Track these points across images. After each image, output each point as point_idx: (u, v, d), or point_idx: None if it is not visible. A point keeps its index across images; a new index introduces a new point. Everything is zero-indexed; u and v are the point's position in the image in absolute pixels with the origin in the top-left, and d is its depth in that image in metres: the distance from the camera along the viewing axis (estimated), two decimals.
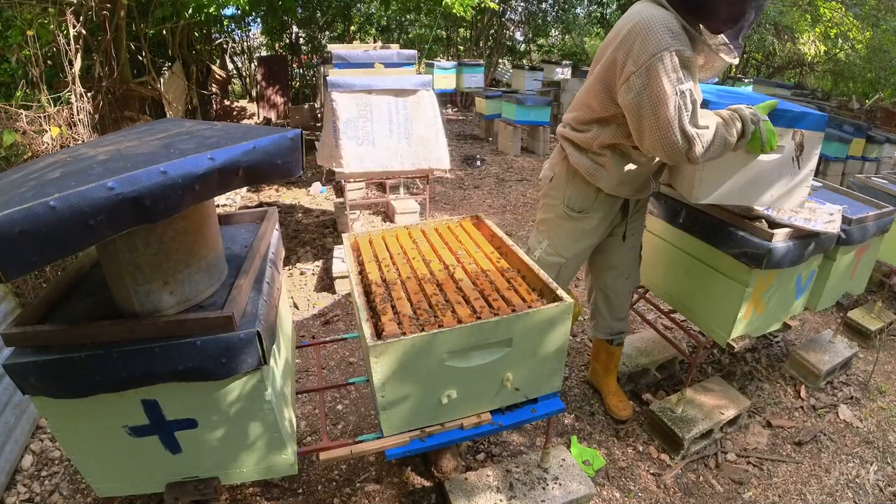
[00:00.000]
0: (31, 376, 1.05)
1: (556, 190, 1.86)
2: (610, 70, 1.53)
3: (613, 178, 1.72)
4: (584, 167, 1.73)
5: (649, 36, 1.39)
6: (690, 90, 1.42)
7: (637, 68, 1.42)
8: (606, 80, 1.55)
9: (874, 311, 2.99)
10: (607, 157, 1.69)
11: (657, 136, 1.45)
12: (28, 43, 3.61)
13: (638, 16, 1.44)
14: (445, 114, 8.70)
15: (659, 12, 1.42)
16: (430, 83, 3.15)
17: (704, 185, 1.72)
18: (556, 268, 1.90)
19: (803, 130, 1.70)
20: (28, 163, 1.16)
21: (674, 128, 1.41)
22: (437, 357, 1.31)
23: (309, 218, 4.48)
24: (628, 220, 1.91)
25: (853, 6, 7.89)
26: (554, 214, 1.88)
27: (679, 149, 1.43)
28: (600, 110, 1.63)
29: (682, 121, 1.41)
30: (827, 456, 2.14)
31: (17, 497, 1.79)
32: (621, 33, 1.48)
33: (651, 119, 1.44)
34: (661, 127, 1.43)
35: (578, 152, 1.75)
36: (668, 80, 1.38)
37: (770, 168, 1.72)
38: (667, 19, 1.40)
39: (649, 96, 1.42)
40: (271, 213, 1.65)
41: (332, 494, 1.85)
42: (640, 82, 1.42)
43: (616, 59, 1.49)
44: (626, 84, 1.46)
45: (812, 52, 7.30)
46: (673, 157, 1.47)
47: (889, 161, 5.46)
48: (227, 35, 9.74)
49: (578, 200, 1.81)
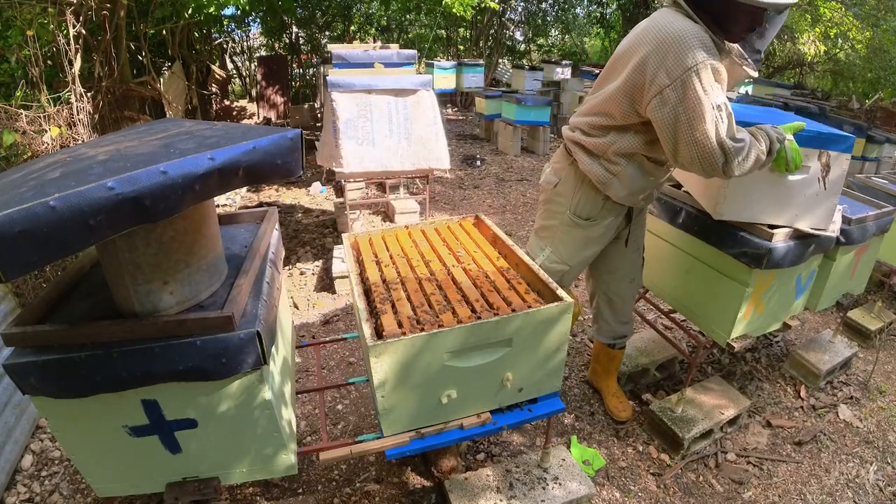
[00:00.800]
0: (30, 376, 1.05)
1: (561, 196, 1.80)
2: (638, 81, 1.48)
3: (624, 189, 1.68)
4: (596, 175, 1.68)
5: (684, 48, 1.37)
6: (726, 104, 1.41)
7: (672, 81, 1.39)
8: (632, 91, 1.51)
9: (874, 311, 2.99)
10: (621, 167, 1.64)
11: (695, 151, 1.43)
12: (28, 43, 3.61)
13: (669, 26, 1.41)
14: (445, 114, 8.70)
15: (688, 24, 1.40)
16: (430, 83, 3.15)
17: (729, 201, 1.73)
18: (559, 275, 1.84)
19: (830, 151, 1.71)
20: (28, 163, 1.16)
21: (712, 142, 1.39)
22: (437, 357, 1.31)
23: (309, 218, 4.48)
24: (631, 226, 1.89)
25: (853, 6, 7.89)
26: (558, 221, 1.82)
27: (716, 163, 1.42)
28: (621, 119, 1.59)
29: (720, 134, 1.40)
30: (827, 456, 2.14)
31: (17, 497, 1.79)
32: (650, 43, 1.44)
33: (687, 132, 1.42)
34: (698, 141, 1.41)
35: (590, 158, 1.68)
36: (705, 93, 1.37)
37: (796, 187, 1.73)
38: (698, 32, 1.39)
39: (685, 110, 1.39)
40: (271, 213, 1.65)
41: (332, 494, 1.85)
42: (675, 96, 1.40)
43: (645, 70, 1.45)
44: (658, 97, 1.43)
45: (812, 52, 7.30)
46: (710, 171, 1.45)
47: (889, 161, 5.46)
48: (227, 35, 9.75)
49: (587, 207, 1.76)
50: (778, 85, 7.87)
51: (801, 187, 1.74)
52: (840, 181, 1.79)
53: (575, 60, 11.77)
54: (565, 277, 1.87)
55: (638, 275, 2.05)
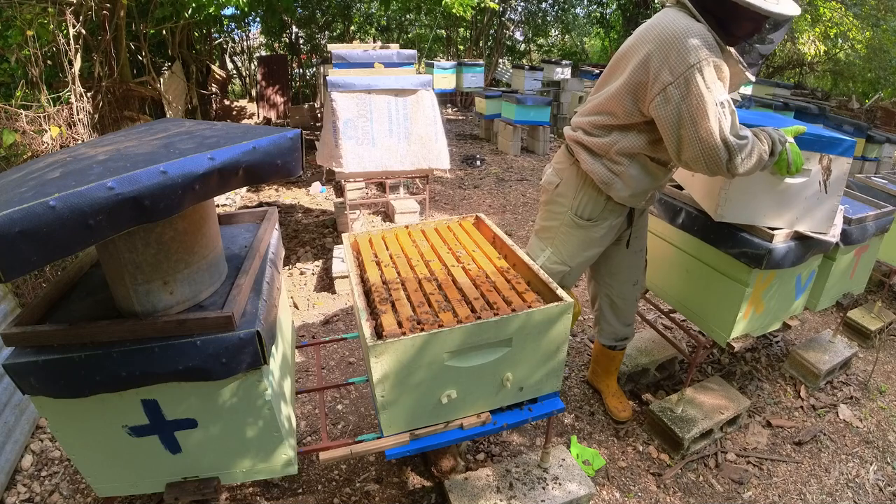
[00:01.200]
0: (30, 376, 1.05)
1: (562, 197, 1.79)
2: (641, 79, 1.48)
3: (627, 189, 1.67)
4: (599, 175, 1.67)
5: (687, 46, 1.37)
6: (729, 101, 1.41)
7: (675, 79, 1.39)
8: (635, 89, 1.51)
9: (874, 310, 2.99)
10: (624, 167, 1.63)
11: (698, 149, 1.42)
12: (28, 43, 3.61)
13: (672, 24, 1.41)
14: (445, 114, 8.70)
15: (691, 23, 1.40)
16: (429, 83, 3.15)
17: (730, 204, 1.73)
18: (560, 276, 1.84)
19: (831, 155, 1.71)
20: (28, 163, 1.16)
21: (715, 139, 1.39)
22: (436, 357, 1.31)
23: (309, 218, 4.48)
24: (632, 228, 1.88)
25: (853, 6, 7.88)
26: (559, 222, 1.81)
27: (720, 160, 1.42)
28: (623, 118, 1.58)
29: (724, 132, 1.40)
30: (827, 456, 2.14)
31: (17, 497, 1.79)
32: (652, 41, 1.44)
33: (690, 130, 1.42)
34: (701, 139, 1.41)
35: (593, 158, 1.67)
36: (708, 90, 1.37)
37: (797, 190, 1.74)
38: (701, 30, 1.39)
39: (689, 108, 1.39)
40: (271, 213, 1.65)
41: (332, 494, 1.86)
42: (678, 93, 1.40)
43: (649, 68, 1.45)
44: (662, 94, 1.43)
45: (812, 52, 7.29)
46: (714, 169, 1.45)
47: (889, 161, 5.46)
48: (227, 35, 9.74)
49: (589, 208, 1.75)
50: (778, 85, 7.87)
51: (801, 190, 1.74)
52: (841, 184, 1.79)
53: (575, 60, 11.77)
54: (566, 279, 1.87)
55: (641, 277, 2.05)
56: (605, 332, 2.14)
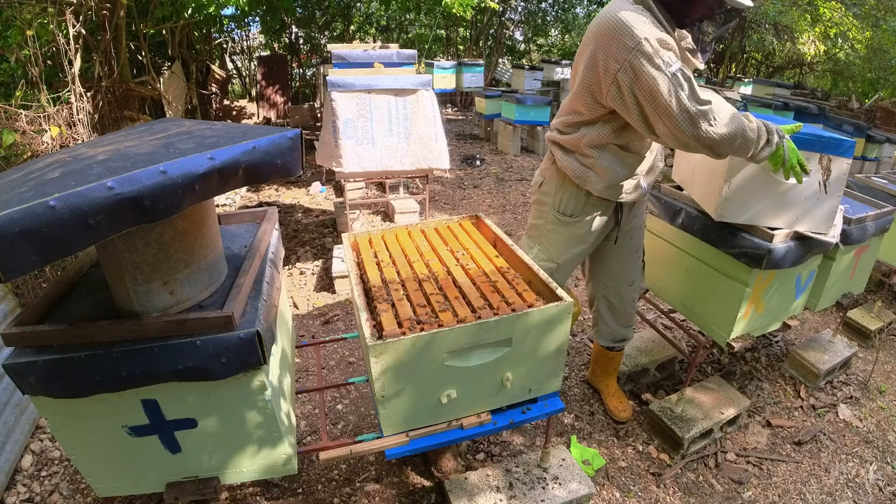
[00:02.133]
0: (30, 376, 1.05)
1: (546, 195, 1.84)
2: (593, 74, 1.52)
3: (602, 181, 1.70)
4: (572, 170, 1.72)
5: (623, 31, 1.39)
6: (681, 69, 1.40)
7: (620, 65, 1.41)
8: (590, 85, 1.55)
9: (874, 310, 2.99)
10: (594, 159, 1.67)
11: (664, 125, 1.43)
12: (28, 43, 3.61)
13: (609, 16, 1.45)
14: (445, 113, 8.70)
15: (627, 6, 1.44)
16: (429, 83, 3.15)
17: (730, 204, 1.74)
18: (548, 272, 1.82)
19: (830, 155, 1.71)
20: (28, 163, 1.16)
21: (674, 111, 1.39)
22: (436, 357, 1.31)
23: (309, 218, 4.48)
24: (622, 225, 1.88)
25: (853, 6, 7.89)
26: (545, 220, 1.86)
27: (686, 131, 1.41)
28: (588, 113, 1.63)
29: (683, 102, 1.39)
30: (826, 455, 2.14)
31: (17, 497, 1.79)
32: (594, 38, 1.49)
33: (651, 109, 1.43)
34: (662, 114, 1.41)
35: (566, 155, 1.73)
36: (653, 66, 1.37)
37: (797, 191, 1.74)
38: (637, 11, 1.42)
39: (641, 89, 1.41)
40: (271, 213, 1.65)
41: (332, 494, 1.86)
42: (628, 78, 1.42)
43: (596, 62, 1.49)
44: (614, 84, 1.46)
45: (812, 52, 7.30)
46: (685, 141, 1.44)
47: (889, 161, 5.46)
48: (227, 35, 9.74)
49: (570, 204, 1.79)
50: (778, 85, 7.87)
51: (801, 190, 1.74)
52: (841, 185, 1.79)
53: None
54: (555, 275, 1.88)
55: (638, 277, 2.05)
56: (603, 333, 2.14)
